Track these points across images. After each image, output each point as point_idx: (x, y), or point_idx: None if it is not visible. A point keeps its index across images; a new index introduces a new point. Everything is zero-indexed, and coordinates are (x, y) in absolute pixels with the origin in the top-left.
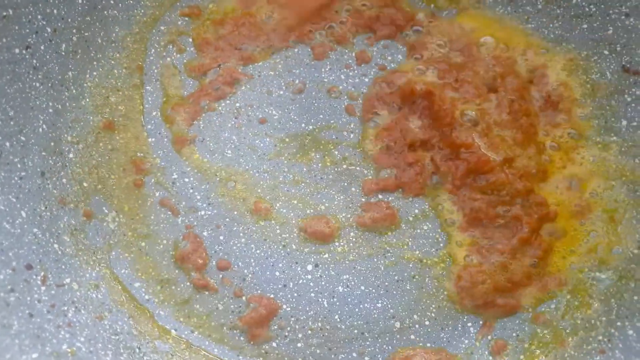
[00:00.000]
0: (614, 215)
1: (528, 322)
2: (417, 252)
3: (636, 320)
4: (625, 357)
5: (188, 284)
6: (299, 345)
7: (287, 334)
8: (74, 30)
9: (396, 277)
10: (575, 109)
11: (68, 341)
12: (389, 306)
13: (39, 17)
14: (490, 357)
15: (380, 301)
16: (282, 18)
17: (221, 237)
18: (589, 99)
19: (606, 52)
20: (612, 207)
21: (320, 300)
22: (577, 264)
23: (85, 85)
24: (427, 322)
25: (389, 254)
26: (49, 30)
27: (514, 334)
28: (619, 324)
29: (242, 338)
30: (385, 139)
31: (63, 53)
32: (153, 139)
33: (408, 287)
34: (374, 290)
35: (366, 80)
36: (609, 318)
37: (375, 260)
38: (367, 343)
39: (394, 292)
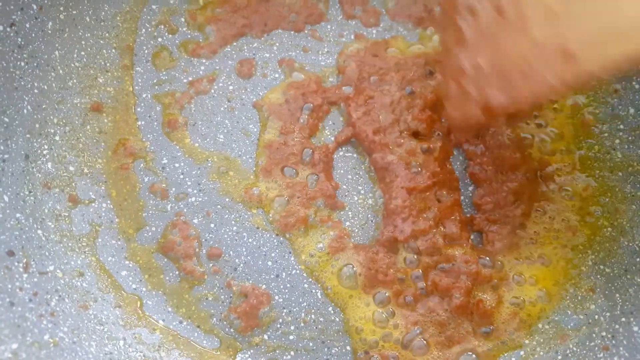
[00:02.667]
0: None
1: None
2: None
3: None
4: (630, 355)
5: (177, 272)
6: (291, 337)
7: (278, 325)
8: (61, 8)
9: None
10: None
11: (50, 331)
12: None
13: None
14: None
15: None
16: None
17: (212, 225)
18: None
19: None
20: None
21: (313, 291)
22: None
23: (72, 65)
24: None
25: None
26: (34, 7)
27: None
28: (623, 320)
29: (232, 330)
30: None
31: (49, 31)
32: (143, 122)
33: None
34: None
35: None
36: (613, 314)
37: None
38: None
39: None
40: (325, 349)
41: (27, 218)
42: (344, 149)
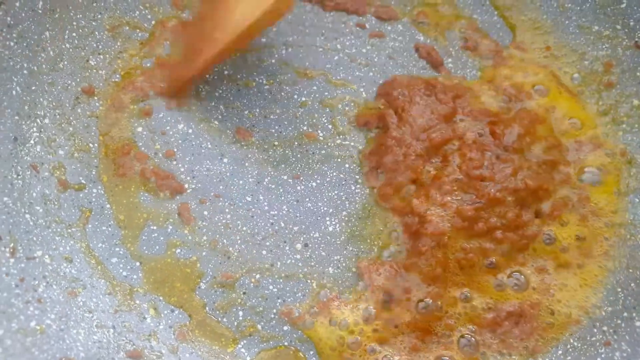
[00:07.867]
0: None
1: None
2: None
3: None
4: (632, 350)
5: (169, 260)
6: (285, 328)
7: (272, 316)
8: None
9: (390, 259)
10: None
11: (37, 318)
12: None
13: None
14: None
15: None
16: None
17: (205, 213)
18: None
19: (618, 27)
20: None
21: (309, 281)
22: None
23: (63, 46)
24: None
25: (383, 234)
26: None
27: None
28: (625, 314)
29: (224, 319)
30: None
31: (40, 11)
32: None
33: None
34: None
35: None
36: (615, 308)
37: (369, 241)
38: None
39: None
40: None
41: (14, 202)
42: None
